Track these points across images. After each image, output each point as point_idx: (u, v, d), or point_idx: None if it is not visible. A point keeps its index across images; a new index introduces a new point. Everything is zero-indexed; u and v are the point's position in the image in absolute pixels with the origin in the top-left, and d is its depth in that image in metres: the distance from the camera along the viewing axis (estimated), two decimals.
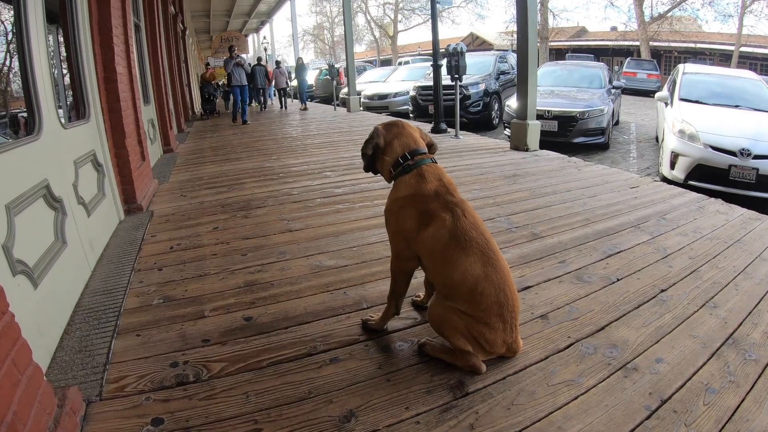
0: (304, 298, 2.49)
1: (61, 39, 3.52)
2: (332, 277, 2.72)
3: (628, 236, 3.27)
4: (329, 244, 3.23)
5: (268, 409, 1.66)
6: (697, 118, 6.17)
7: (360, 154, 2.12)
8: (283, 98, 15.93)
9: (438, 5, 8.32)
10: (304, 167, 5.88)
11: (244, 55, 17.70)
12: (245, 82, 11.73)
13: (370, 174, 2.17)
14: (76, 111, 3.56)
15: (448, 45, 7.50)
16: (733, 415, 1.64)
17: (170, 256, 3.13)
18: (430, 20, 8.41)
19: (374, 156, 2.06)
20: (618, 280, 2.63)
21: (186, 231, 3.61)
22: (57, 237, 2.51)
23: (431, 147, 2.11)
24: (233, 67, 11.49)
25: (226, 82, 15.95)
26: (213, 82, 14.88)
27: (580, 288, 2.54)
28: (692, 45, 27.67)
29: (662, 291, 2.50)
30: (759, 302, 2.41)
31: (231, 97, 15.71)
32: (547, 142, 7.40)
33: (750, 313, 2.30)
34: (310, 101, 17.74)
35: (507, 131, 8.64)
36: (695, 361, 1.92)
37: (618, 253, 3.00)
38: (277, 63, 16.33)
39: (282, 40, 49.22)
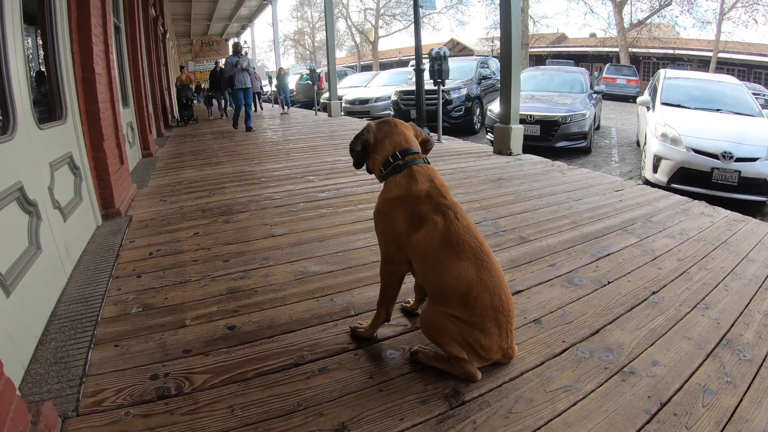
0: (289, 306, 2.40)
1: (39, 38, 3.39)
2: (318, 284, 2.64)
3: (615, 239, 3.26)
4: (314, 250, 3.14)
5: (255, 423, 1.57)
6: (680, 122, 6.24)
7: (348, 151, 2.05)
8: (258, 101, 16.56)
9: (421, 9, 8.32)
10: (286, 171, 5.79)
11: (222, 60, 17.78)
12: (249, 85, 10.52)
13: (354, 178, 2.12)
14: (53, 112, 3.43)
15: (431, 49, 7.50)
16: (732, 415, 1.62)
17: (149, 262, 3.01)
18: (413, 25, 8.41)
19: (365, 153, 2.00)
20: (609, 282, 2.61)
21: (165, 236, 3.50)
22: (31, 242, 2.38)
23: (427, 143, 2.06)
24: (239, 71, 10.15)
25: (208, 85, 15.73)
26: (190, 84, 13.94)
27: (572, 291, 2.51)
28: (671, 51, 28.31)
29: (653, 293, 2.49)
30: (749, 302, 2.42)
31: (214, 101, 15.52)
32: (530, 146, 7.41)
33: (741, 314, 2.30)
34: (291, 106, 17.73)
35: (489, 136, 8.67)
36: (691, 363, 1.90)
37: (607, 255, 2.98)
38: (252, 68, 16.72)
39: (263, 45, 48.93)
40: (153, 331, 2.16)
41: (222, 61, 16.68)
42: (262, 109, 16.88)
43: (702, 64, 26.93)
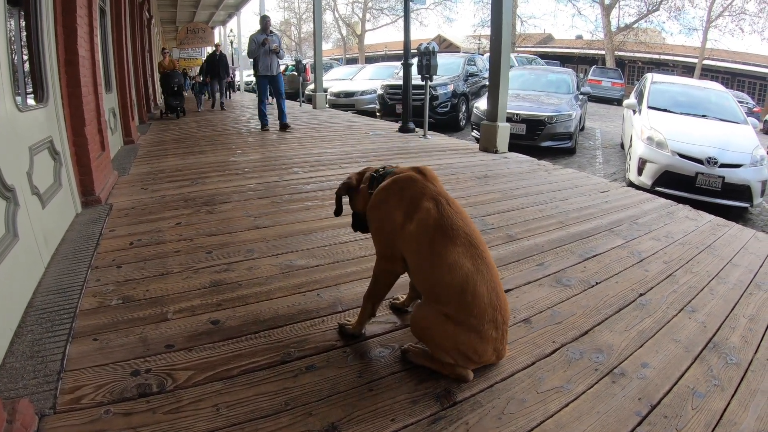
0: (275, 300, 2.34)
1: (22, 18, 3.25)
2: (304, 278, 2.59)
3: (602, 240, 3.27)
4: (299, 243, 3.09)
5: (241, 423, 1.52)
6: (666, 126, 6.31)
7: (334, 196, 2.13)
8: (228, 90, 17.01)
9: (412, 3, 8.25)
10: (271, 162, 5.70)
11: (211, 48, 17.60)
12: (276, 71, 8.28)
13: (340, 171, 2.17)
14: (35, 94, 3.30)
15: (420, 44, 7.46)
16: (721, 418, 1.64)
17: (130, 252, 2.92)
18: (403, 19, 8.34)
19: (350, 196, 2.09)
20: (597, 283, 2.61)
21: (147, 226, 3.40)
22: (8, 229, 2.28)
23: None
24: (263, 54, 8.05)
25: (200, 75, 15.29)
26: (178, 70, 12.30)
27: (561, 291, 2.50)
28: (656, 56, 28.73)
29: (641, 295, 2.49)
30: (734, 307, 2.44)
31: (207, 92, 15.06)
32: (515, 144, 7.41)
33: (727, 317, 2.32)
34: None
35: (475, 133, 8.67)
36: (680, 366, 1.91)
37: (594, 256, 2.98)
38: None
39: (248, 35, 48.27)
40: (134, 325, 2.09)
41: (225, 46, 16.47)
42: (230, 98, 16.99)
43: (687, 70, 27.41)
